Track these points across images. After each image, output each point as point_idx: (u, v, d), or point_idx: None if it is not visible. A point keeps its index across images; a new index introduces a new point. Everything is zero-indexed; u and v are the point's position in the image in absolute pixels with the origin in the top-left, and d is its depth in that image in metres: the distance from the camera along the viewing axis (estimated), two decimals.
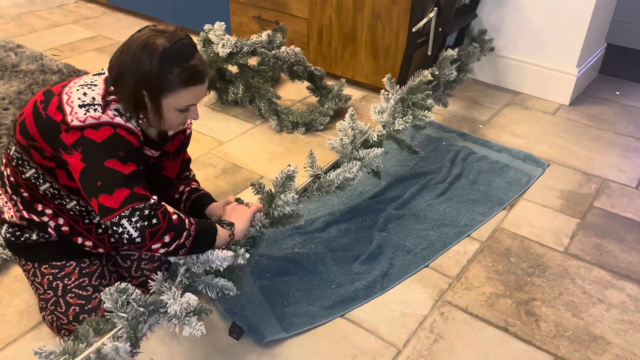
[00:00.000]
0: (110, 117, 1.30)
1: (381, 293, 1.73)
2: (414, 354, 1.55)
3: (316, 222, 2.00)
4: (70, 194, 1.43)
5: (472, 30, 2.88)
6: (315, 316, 1.64)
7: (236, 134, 2.61)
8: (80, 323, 1.35)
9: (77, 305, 1.45)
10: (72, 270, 1.49)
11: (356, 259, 1.85)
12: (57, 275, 1.48)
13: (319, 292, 1.72)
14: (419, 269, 1.83)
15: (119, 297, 1.20)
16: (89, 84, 1.35)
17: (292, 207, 1.59)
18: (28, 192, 1.45)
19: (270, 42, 2.66)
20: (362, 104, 2.95)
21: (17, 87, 2.82)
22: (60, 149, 1.31)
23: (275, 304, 1.66)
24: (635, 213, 2.17)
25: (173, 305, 1.24)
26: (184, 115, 1.39)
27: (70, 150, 1.28)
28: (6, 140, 2.39)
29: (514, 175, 2.34)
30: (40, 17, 3.97)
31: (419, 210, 2.10)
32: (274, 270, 1.78)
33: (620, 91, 3.19)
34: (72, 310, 1.44)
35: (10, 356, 1.51)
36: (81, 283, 1.48)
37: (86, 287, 1.48)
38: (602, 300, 1.76)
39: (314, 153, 1.77)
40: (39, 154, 1.36)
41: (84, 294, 1.46)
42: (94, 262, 1.54)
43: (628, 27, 3.68)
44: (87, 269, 1.51)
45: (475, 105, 2.96)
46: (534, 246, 1.98)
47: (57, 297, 1.46)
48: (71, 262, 1.49)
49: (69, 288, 1.47)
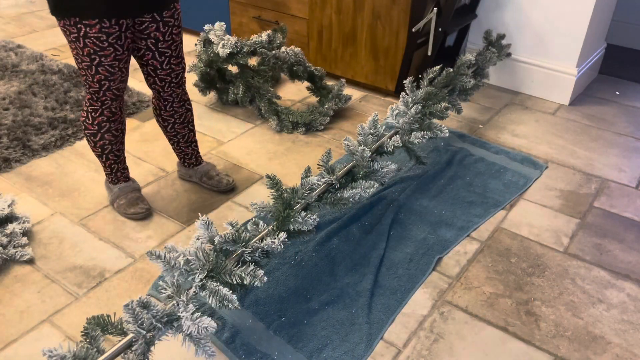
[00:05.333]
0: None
1: (399, 309, 1.70)
2: (414, 354, 1.55)
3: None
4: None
5: (490, 34, 2.82)
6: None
7: (236, 134, 2.61)
8: (102, 86, 1.75)
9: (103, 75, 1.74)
10: (110, 53, 1.71)
11: (357, 271, 1.85)
12: (98, 52, 1.69)
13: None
14: (425, 276, 1.83)
15: (140, 312, 1.20)
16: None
17: (309, 228, 1.58)
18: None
19: (270, 42, 2.67)
20: (362, 104, 2.95)
21: (18, 87, 2.82)
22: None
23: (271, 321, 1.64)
24: (635, 213, 2.17)
25: (189, 324, 1.23)
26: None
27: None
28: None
29: (511, 177, 2.33)
30: (40, 17, 3.97)
31: (416, 213, 2.10)
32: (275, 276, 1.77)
33: (620, 91, 3.19)
34: (99, 77, 1.74)
35: (10, 356, 1.51)
36: (112, 64, 1.73)
37: (114, 67, 1.74)
38: (602, 300, 1.76)
39: (331, 152, 1.78)
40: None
41: (112, 70, 1.74)
42: (126, 49, 1.74)
43: (628, 27, 3.68)
44: (120, 55, 1.73)
45: (475, 105, 2.96)
46: (534, 246, 1.98)
47: (92, 65, 1.72)
48: (110, 48, 1.70)
49: (103, 63, 1.72)
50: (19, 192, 2.14)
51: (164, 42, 1.81)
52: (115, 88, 1.80)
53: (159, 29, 1.78)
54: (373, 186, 1.77)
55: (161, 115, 2.02)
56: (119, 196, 2.05)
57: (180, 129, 2.06)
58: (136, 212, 2.02)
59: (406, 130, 2.08)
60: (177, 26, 1.83)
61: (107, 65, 1.72)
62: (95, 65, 1.72)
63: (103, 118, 1.86)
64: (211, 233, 1.43)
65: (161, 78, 1.89)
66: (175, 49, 1.86)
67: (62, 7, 1.62)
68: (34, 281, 1.75)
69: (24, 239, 1.86)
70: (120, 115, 1.91)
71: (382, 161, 1.90)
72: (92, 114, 1.85)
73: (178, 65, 1.90)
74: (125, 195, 2.05)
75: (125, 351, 1.21)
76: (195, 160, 2.18)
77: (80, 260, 1.84)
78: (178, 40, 1.86)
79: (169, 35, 1.81)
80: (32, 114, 2.59)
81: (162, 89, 1.93)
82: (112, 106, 1.85)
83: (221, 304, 1.30)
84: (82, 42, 1.67)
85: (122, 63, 1.76)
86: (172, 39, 1.83)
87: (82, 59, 1.71)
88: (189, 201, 2.14)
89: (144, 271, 1.81)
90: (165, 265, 1.33)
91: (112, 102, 1.83)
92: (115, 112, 1.88)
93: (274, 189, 1.61)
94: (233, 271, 1.36)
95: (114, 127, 1.90)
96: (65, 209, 2.07)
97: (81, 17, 1.62)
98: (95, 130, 1.89)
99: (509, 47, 2.96)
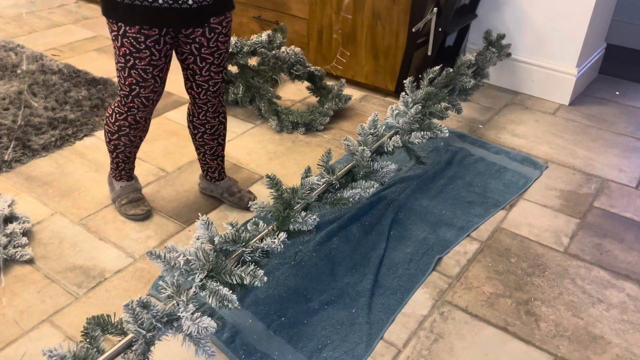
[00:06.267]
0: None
1: (399, 309, 1.71)
2: (414, 354, 1.55)
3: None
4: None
5: (490, 34, 2.82)
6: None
7: (236, 134, 2.61)
8: (132, 90, 1.72)
9: (134, 79, 1.71)
10: (145, 57, 1.68)
11: (357, 271, 1.85)
12: (134, 54, 1.66)
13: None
14: (425, 276, 1.83)
15: (140, 312, 1.20)
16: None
17: (309, 228, 1.57)
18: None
19: (270, 42, 2.67)
20: (362, 104, 2.95)
21: (17, 87, 2.82)
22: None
23: (272, 321, 1.64)
24: (635, 213, 2.17)
25: (189, 324, 1.23)
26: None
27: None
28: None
29: (511, 177, 2.33)
30: (40, 17, 3.97)
31: (416, 213, 2.10)
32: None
33: (620, 91, 3.19)
34: (131, 80, 1.71)
35: (11, 356, 1.51)
36: (146, 69, 1.70)
37: (148, 73, 1.71)
38: (602, 300, 1.76)
39: (331, 152, 1.78)
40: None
41: (144, 76, 1.71)
42: (164, 56, 1.71)
43: (628, 27, 3.68)
44: (155, 61, 1.70)
45: (475, 105, 2.96)
46: (534, 246, 1.98)
47: (126, 67, 1.69)
48: (146, 51, 1.67)
49: (136, 66, 1.69)
50: (19, 192, 2.14)
51: (208, 48, 1.75)
52: (144, 96, 1.75)
53: (204, 34, 1.72)
54: (373, 186, 1.77)
55: (193, 122, 1.97)
56: (121, 195, 2.04)
57: (209, 140, 2.01)
58: (136, 213, 2.01)
59: (406, 130, 2.08)
60: (224, 34, 1.77)
61: (140, 69, 1.68)
62: (128, 67, 1.68)
63: (125, 123, 1.83)
64: (211, 233, 1.42)
65: (198, 84, 1.84)
66: (218, 57, 1.79)
67: (108, 7, 1.62)
68: (34, 281, 1.75)
69: (24, 239, 1.86)
70: (144, 125, 1.88)
71: (382, 161, 1.90)
72: (117, 115, 1.82)
73: (218, 74, 1.84)
74: (127, 195, 2.04)
75: (125, 351, 1.21)
76: (218, 175, 2.12)
77: (80, 260, 1.84)
78: (223, 49, 1.79)
79: (214, 42, 1.75)
80: (32, 114, 2.59)
81: (198, 95, 1.87)
82: (137, 115, 1.81)
83: (221, 304, 1.30)
84: (120, 41, 1.64)
85: (157, 70, 1.71)
86: (217, 46, 1.77)
87: (118, 59, 1.69)
88: (189, 201, 2.14)
89: (144, 271, 1.81)
90: (165, 265, 1.32)
91: (138, 110, 1.79)
92: (139, 122, 1.84)
93: (274, 189, 1.61)
94: (233, 271, 1.36)
95: (134, 133, 1.87)
96: (65, 209, 2.07)
97: (125, 23, 1.61)
98: (114, 130, 1.86)
99: (509, 47, 2.96)
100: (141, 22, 1.61)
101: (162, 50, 1.68)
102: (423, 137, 2.03)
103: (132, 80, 1.71)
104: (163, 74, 1.75)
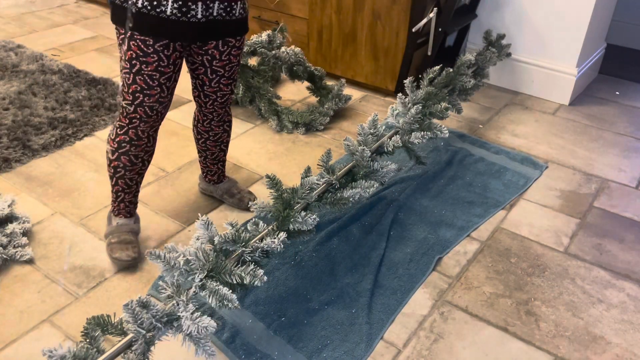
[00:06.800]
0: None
1: (399, 309, 1.71)
2: (414, 354, 1.55)
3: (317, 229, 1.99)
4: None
5: (490, 34, 2.82)
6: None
7: (236, 134, 2.61)
8: (135, 99, 1.62)
9: (139, 86, 1.62)
10: (153, 61, 1.60)
11: (357, 271, 1.85)
12: (140, 57, 1.59)
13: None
14: (425, 276, 1.83)
15: (140, 311, 1.20)
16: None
17: (309, 227, 1.57)
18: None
19: (270, 42, 2.67)
20: (362, 104, 2.95)
21: (18, 87, 2.82)
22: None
23: (272, 322, 1.64)
24: (635, 213, 2.17)
25: (189, 324, 1.23)
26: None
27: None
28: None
29: (511, 177, 2.34)
30: (40, 17, 3.97)
31: (416, 213, 2.10)
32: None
33: (620, 91, 3.19)
34: (135, 87, 1.62)
35: (11, 356, 1.51)
36: (152, 75, 1.61)
37: (154, 80, 1.62)
38: (602, 300, 1.76)
39: (331, 152, 1.78)
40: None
41: (150, 83, 1.62)
42: (172, 64, 1.63)
43: (628, 27, 3.69)
44: (163, 67, 1.62)
45: (475, 105, 2.96)
46: (534, 246, 1.98)
47: (131, 72, 1.61)
48: (154, 55, 1.59)
49: (142, 71, 1.61)
50: (19, 192, 2.14)
51: (220, 60, 1.72)
52: (148, 106, 1.64)
53: (217, 47, 1.69)
54: (373, 186, 1.77)
55: (197, 127, 1.95)
56: (113, 233, 1.85)
57: (212, 146, 1.99)
58: (120, 258, 1.79)
59: (406, 130, 2.08)
60: (237, 47, 1.74)
61: (146, 75, 1.59)
62: (134, 73, 1.59)
63: (125, 138, 1.70)
64: (211, 233, 1.42)
65: (206, 94, 1.81)
66: (229, 70, 1.76)
67: (117, 15, 1.58)
68: (34, 281, 1.75)
69: (24, 239, 1.86)
70: (147, 144, 1.74)
71: (382, 161, 1.90)
72: (118, 129, 1.71)
73: (227, 87, 1.81)
74: (119, 235, 1.84)
75: (125, 351, 1.21)
76: (217, 178, 2.11)
77: (80, 260, 1.84)
78: (235, 62, 1.77)
79: (226, 55, 1.72)
80: (32, 114, 2.59)
81: (205, 104, 1.84)
82: (139, 128, 1.68)
83: (221, 303, 1.30)
84: (127, 45, 1.57)
85: (164, 78, 1.62)
86: (229, 59, 1.74)
87: (123, 65, 1.60)
88: (189, 201, 2.14)
89: (144, 271, 1.81)
90: (165, 265, 1.32)
91: (140, 121, 1.67)
92: (141, 137, 1.71)
93: (274, 189, 1.61)
94: (233, 271, 1.36)
95: (134, 152, 1.73)
96: (65, 209, 2.07)
97: (133, 32, 1.57)
98: (114, 149, 1.73)
99: (509, 47, 2.96)
100: (149, 31, 1.55)
101: (171, 56, 1.60)
102: (423, 137, 2.03)
103: (137, 87, 1.61)
104: (170, 84, 1.66)
